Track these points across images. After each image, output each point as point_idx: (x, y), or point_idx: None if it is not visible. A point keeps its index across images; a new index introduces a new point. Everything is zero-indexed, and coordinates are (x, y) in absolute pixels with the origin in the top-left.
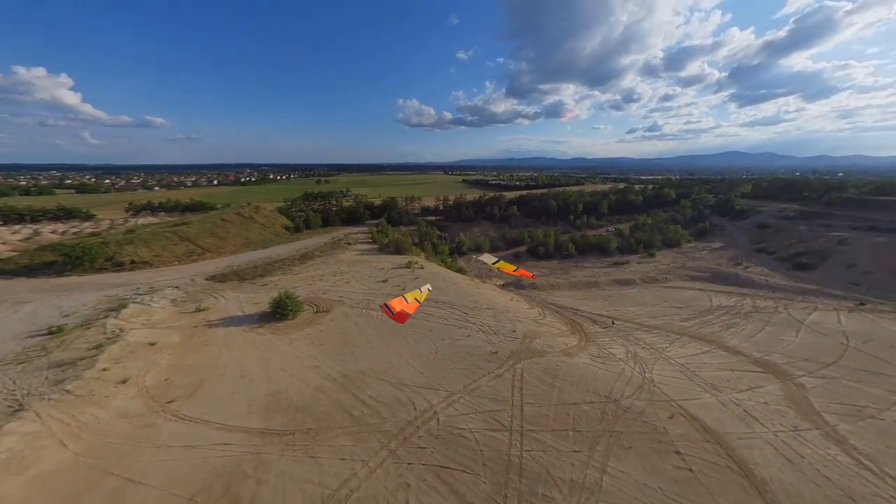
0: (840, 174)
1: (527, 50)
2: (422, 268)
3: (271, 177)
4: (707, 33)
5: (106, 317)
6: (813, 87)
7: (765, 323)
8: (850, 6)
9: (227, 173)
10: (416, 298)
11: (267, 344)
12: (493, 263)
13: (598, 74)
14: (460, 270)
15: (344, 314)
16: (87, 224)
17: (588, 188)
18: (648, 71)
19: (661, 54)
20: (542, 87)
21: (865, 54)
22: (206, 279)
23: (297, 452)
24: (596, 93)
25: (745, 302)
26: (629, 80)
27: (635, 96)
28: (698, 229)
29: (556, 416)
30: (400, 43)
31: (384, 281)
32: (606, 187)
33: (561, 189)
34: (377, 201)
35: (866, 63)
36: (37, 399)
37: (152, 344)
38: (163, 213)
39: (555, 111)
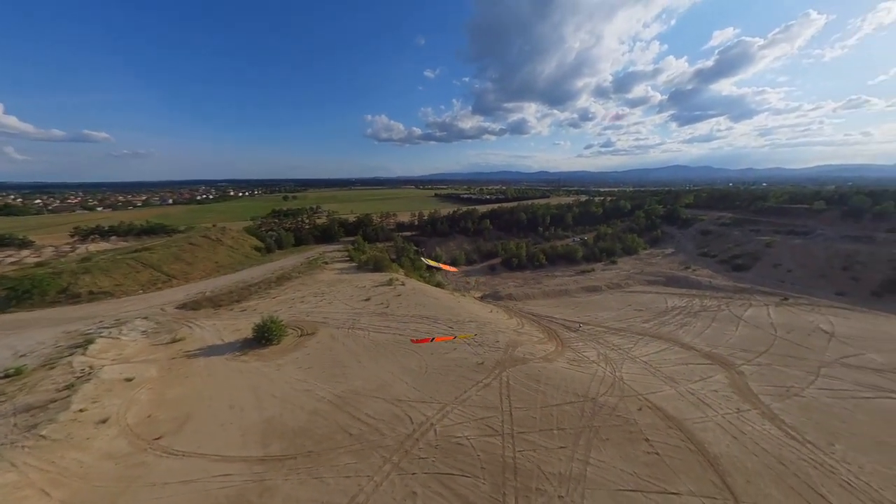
0: (763, 184)
1: (490, 71)
2: (403, 284)
3: (231, 193)
4: (648, 60)
5: (71, 354)
6: (738, 110)
7: (711, 320)
8: (762, 42)
9: (181, 191)
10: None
11: (253, 371)
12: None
13: (556, 95)
14: (439, 285)
15: (330, 335)
16: (25, 252)
17: (553, 201)
18: (600, 92)
19: (610, 78)
20: (506, 105)
21: (777, 82)
22: (177, 308)
23: (301, 475)
24: (555, 111)
25: (694, 302)
26: (584, 101)
27: (590, 115)
28: (652, 237)
29: (541, 417)
30: (369, 61)
31: (367, 299)
32: (570, 200)
33: (529, 202)
34: (351, 218)
35: (778, 89)
36: (8, 447)
37: (129, 379)
38: (115, 238)
39: (519, 128)
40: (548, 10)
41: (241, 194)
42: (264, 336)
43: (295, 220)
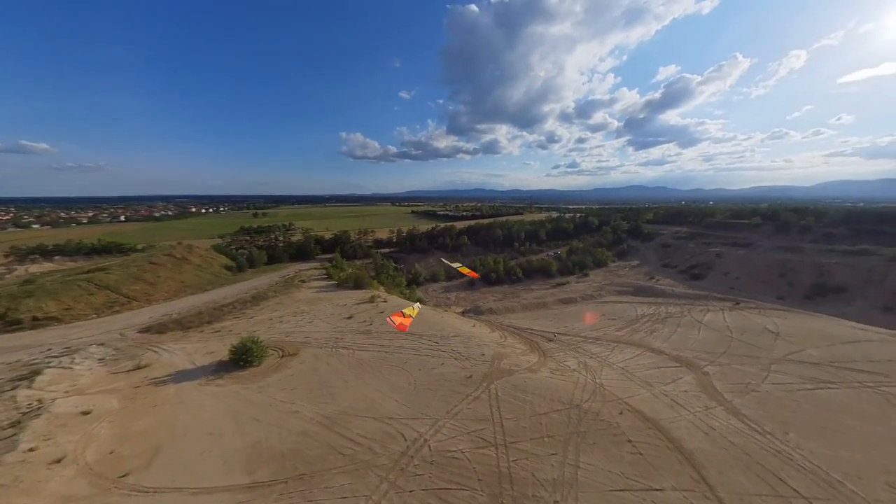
0: (710, 202)
1: (464, 94)
2: (385, 301)
3: (193, 210)
4: (605, 90)
5: (14, 387)
6: (684, 137)
7: (676, 325)
8: (699, 78)
9: (136, 207)
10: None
11: (232, 395)
12: (458, 267)
13: (525, 118)
14: (419, 300)
15: (313, 355)
16: None
17: (527, 217)
18: (565, 117)
19: (573, 104)
20: (479, 126)
21: (714, 115)
22: (139, 332)
23: (294, 499)
24: (525, 134)
25: (661, 309)
26: (550, 124)
27: (557, 138)
28: (619, 250)
29: (531, 426)
30: (344, 80)
31: (349, 318)
32: (542, 216)
33: (505, 219)
34: (327, 235)
35: (716, 121)
36: None
37: (86, 413)
38: (61, 258)
39: (491, 148)
40: (515, 41)
41: (204, 211)
42: (243, 358)
43: (268, 238)
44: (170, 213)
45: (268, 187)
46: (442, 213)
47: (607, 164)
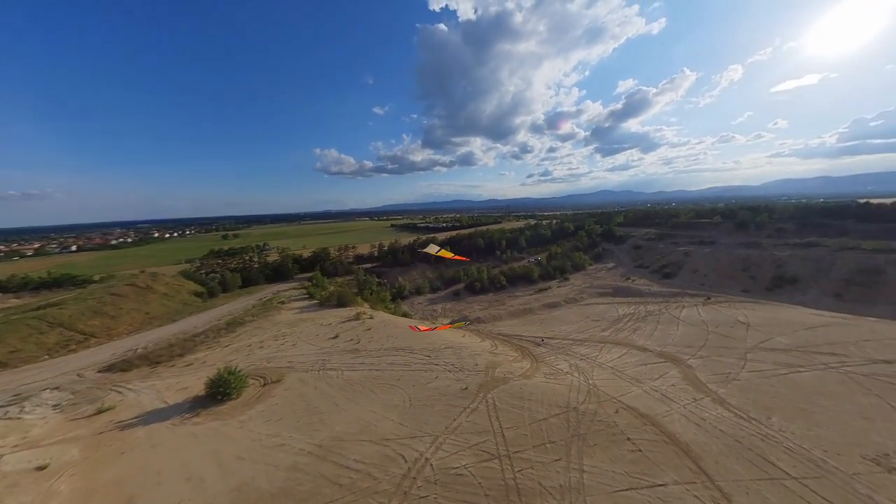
0: (673, 204)
1: (438, 109)
2: (371, 318)
3: (156, 235)
4: (571, 103)
5: None
6: (645, 143)
7: (657, 323)
8: (655, 90)
9: (89, 235)
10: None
11: (211, 433)
12: (436, 252)
13: (498, 131)
14: (405, 315)
15: (299, 380)
16: None
17: (507, 226)
18: (535, 129)
19: (542, 116)
20: (454, 139)
21: (670, 122)
22: (100, 371)
23: None
24: (499, 145)
25: (640, 308)
26: (522, 136)
27: (529, 148)
28: (595, 254)
29: (532, 434)
30: (317, 98)
31: (335, 337)
32: (521, 224)
33: (485, 228)
34: (305, 253)
35: (672, 128)
36: None
37: (42, 468)
38: (2, 296)
39: (467, 160)
40: (485, 58)
41: (168, 235)
42: (220, 391)
43: (241, 260)
44: (129, 239)
45: (238, 207)
46: (422, 225)
47: (578, 171)
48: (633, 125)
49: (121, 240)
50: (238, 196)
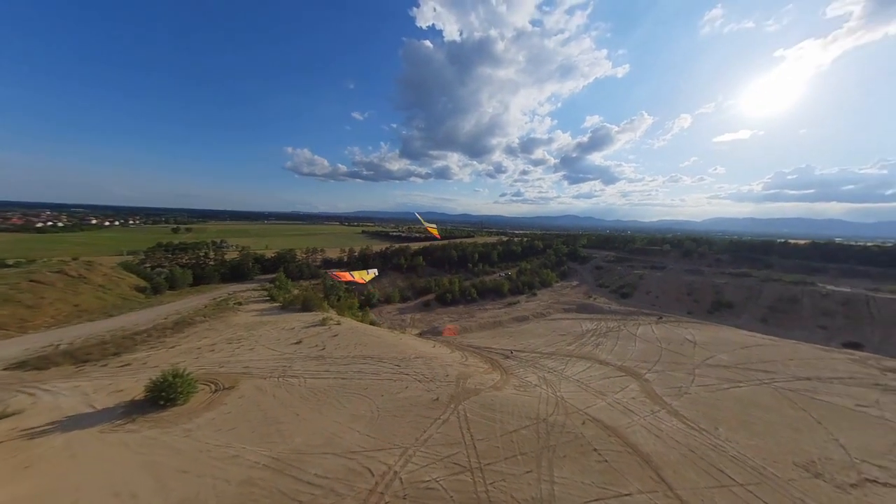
0: (628, 232)
1: (417, 121)
2: (338, 324)
3: (93, 222)
4: (544, 130)
5: None
6: (607, 176)
7: (616, 339)
8: (617, 128)
9: (6, 213)
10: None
11: (148, 443)
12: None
13: (475, 149)
14: (373, 323)
15: (256, 388)
16: None
17: (479, 240)
18: (510, 151)
19: (517, 140)
20: (431, 152)
21: (628, 159)
22: (5, 369)
23: None
24: (475, 163)
25: (602, 325)
26: (497, 156)
27: (503, 168)
28: (561, 272)
29: (503, 445)
30: (295, 94)
31: (298, 342)
32: (493, 239)
33: (459, 241)
34: (269, 253)
35: (630, 164)
36: None
37: None
38: None
39: (443, 174)
40: (467, 79)
41: (109, 223)
42: (163, 395)
43: (195, 255)
44: (60, 224)
45: (194, 200)
46: (395, 234)
47: (547, 195)
48: (597, 158)
49: (49, 223)
50: (193, 187)
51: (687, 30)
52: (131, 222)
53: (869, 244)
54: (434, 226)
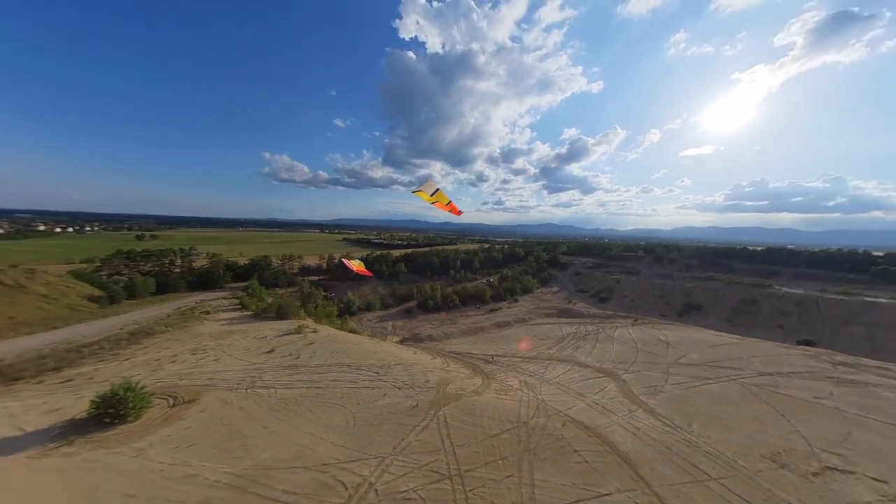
0: (606, 239)
1: (400, 130)
2: (315, 332)
3: (41, 228)
4: (524, 141)
5: None
6: (584, 186)
7: (595, 341)
8: (593, 141)
9: None
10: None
11: (88, 466)
12: (432, 194)
13: (457, 158)
14: (353, 331)
15: (220, 400)
16: None
17: (462, 247)
18: (491, 160)
19: (498, 150)
20: (414, 161)
21: (605, 170)
22: None
23: None
24: (457, 172)
25: (581, 328)
26: (479, 165)
27: (485, 177)
28: (542, 278)
29: (484, 450)
30: (274, 98)
31: (270, 351)
32: (475, 247)
33: (441, 248)
34: (242, 260)
35: (606, 175)
36: None
37: None
38: None
39: (426, 182)
40: (449, 90)
41: (61, 230)
42: (111, 412)
43: (159, 262)
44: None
45: (161, 206)
46: (377, 241)
47: (527, 204)
48: (575, 169)
49: None
50: (161, 192)
51: (654, 51)
52: (88, 229)
53: (816, 250)
54: (449, 200)
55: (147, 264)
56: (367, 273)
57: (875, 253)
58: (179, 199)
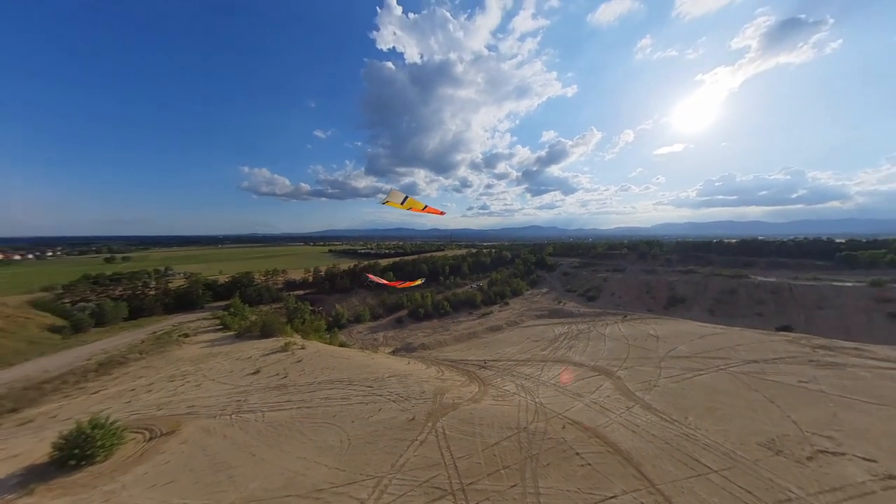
0: (590, 239)
1: (382, 139)
2: (303, 348)
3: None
4: (505, 146)
5: None
6: (566, 187)
7: (587, 340)
8: (571, 142)
9: None
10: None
11: None
12: (402, 202)
13: (441, 165)
14: (343, 345)
15: (202, 429)
16: None
17: (449, 253)
18: (474, 166)
19: (481, 155)
20: (398, 169)
21: (583, 170)
22: None
23: None
24: (441, 178)
25: (573, 328)
26: (463, 171)
27: (469, 183)
28: (531, 280)
29: (486, 461)
30: (252, 112)
31: (255, 372)
32: (463, 252)
33: (429, 255)
34: (222, 279)
35: (585, 175)
36: None
37: None
38: None
39: (411, 190)
40: (429, 98)
41: (19, 257)
42: (76, 453)
43: (131, 286)
44: None
45: (133, 227)
46: (363, 251)
47: (512, 208)
48: (555, 170)
49: None
50: (130, 212)
51: (623, 56)
52: (50, 254)
53: (785, 240)
54: (424, 205)
55: (118, 288)
56: (402, 284)
57: (837, 240)
58: (153, 219)
